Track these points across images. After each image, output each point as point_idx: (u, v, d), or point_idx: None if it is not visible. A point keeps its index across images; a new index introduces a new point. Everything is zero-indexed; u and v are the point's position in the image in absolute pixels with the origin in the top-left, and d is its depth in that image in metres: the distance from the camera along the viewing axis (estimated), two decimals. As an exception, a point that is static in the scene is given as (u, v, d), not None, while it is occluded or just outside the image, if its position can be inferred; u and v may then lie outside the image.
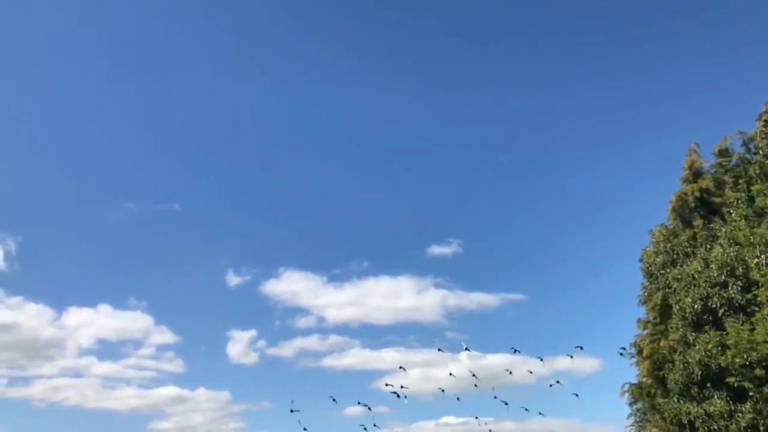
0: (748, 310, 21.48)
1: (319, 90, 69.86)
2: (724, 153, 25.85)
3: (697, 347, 21.92)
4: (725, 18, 62.91)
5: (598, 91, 66.07)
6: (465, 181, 68.46)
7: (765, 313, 20.21)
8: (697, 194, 25.22)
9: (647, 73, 65.52)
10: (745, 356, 20.17)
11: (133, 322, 54.38)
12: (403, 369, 23.56)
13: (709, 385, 21.88)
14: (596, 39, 67.03)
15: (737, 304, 21.88)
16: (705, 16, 64.23)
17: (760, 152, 23.97)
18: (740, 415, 20.77)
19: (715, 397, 21.54)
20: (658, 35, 66.32)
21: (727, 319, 21.63)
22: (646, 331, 25.89)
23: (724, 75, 61.91)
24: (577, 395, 25.31)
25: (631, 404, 26.89)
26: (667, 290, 24.44)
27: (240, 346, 55.09)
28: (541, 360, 22.87)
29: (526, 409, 26.03)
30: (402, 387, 21.98)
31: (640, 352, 25.84)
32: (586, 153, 66.86)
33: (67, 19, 64.98)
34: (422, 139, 70.57)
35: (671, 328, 23.72)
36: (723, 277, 22.27)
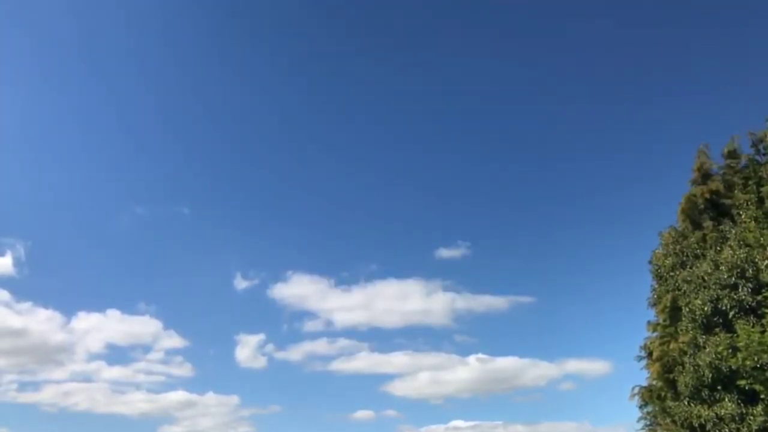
0: (759, 312, 21.30)
1: (326, 92, 70.04)
2: (732, 154, 25.69)
3: (708, 350, 21.77)
4: (735, 17, 62.51)
5: (607, 91, 65.79)
6: (473, 182, 68.42)
7: (776, 314, 20.08)
8: (707, 196, 25.10)
9: (656, 73, 65.17)
10: (756, 358, 19.98)
11: (142, 326, 54.83)
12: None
13: (719, 387, 21.70)
14: (604, 37, 66.76)
15: (747, 306, 21.71)
16: (716, 15, 63.86)
17: (770, 153, 23.85)
18: (752, 418, 20.58)
19: (726, 399, 21.35)
20: (667, 34, 66.00)
21: (738, 321, 21.46)
22: (655, 334, 25.78)
23: (734, 75, 61.52)
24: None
25: (641, 407, 26.81)
26: (676, 292, 24.32)
27: (248, 350, 55.27)
28: None
29: None
30: None
31: (649, 354, 25.75)
32: (595, 155, 66.67)
33: (72, 19, 65.37)
34: (430, 141, 70.58)
35: (681, 330, 23.59)
36: (733, 279, 22.10)
